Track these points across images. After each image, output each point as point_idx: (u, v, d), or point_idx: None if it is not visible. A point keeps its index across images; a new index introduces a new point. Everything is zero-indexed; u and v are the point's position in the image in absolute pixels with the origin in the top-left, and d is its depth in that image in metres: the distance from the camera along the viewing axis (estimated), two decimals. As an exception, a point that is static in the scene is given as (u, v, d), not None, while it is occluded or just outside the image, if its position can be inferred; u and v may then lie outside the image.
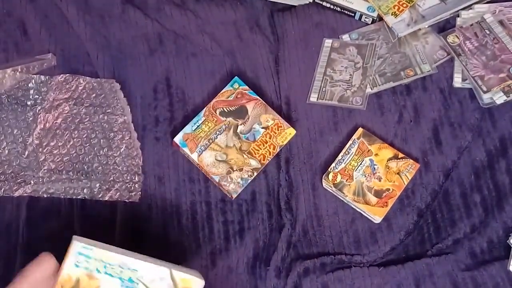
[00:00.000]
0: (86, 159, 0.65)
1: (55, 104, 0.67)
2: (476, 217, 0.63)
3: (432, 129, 0.67)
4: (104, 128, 0.67)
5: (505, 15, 0.71)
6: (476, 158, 0.66)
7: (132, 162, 0.65)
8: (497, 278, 0.60)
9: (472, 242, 0.62)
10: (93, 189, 0.64)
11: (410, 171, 0.64)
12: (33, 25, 0.73)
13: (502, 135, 0.66)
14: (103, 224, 0.63)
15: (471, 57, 0.69)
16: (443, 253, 0.61)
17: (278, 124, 0.66)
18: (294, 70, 0.71)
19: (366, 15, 0.72)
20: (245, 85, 0.68)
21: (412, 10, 0.72)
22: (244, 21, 0.74)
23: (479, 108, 0.68)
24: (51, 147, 0.65)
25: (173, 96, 0.70)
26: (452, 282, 0.60)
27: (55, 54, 0.71)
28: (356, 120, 0.68)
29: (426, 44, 0.71)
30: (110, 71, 0.70)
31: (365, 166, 0.64)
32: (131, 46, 0.72)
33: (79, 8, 0.73)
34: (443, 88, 0.69)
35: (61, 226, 0.63)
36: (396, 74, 0.70)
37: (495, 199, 0.64)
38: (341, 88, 0.69)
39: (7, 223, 0.63)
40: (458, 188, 0.64)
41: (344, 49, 0.72)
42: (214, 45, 0.72)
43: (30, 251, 0.61)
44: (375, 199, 0.62)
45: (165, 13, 0.74)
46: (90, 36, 0.72)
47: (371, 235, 0.62)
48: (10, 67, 0.68)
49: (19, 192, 0.63)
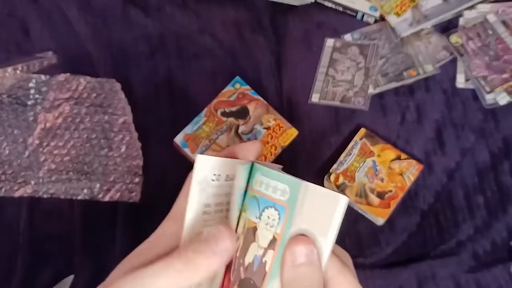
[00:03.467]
0: (86, 159, 0.65)
1: (55, 104, 0.67)
2: (479, 219, 0.63)
3: (435, 130, 0.67)
4: (104, 128, 0.67)
5: (508, 15, 0.70)
6: (480, 159, 0.65)
7: (133, 162, 0.65)
8: (501, 280, 0.60)
9: (475, 244, 0.62)
10: (93, 189, 0.63)
11: (413, 172, 0.63)
12: (34, 25, 0.73)
13: (506, 136, 0.66)
14: (103, 225, 0.63)
15: (474, 57, 0.68)
16: (446, 255, 0.61)
17: (279, 124, 0.66)
18: (295, 70, 0.71)
19: (368, 15, 0.72)
20: (246, 85, 0.68)
21: (414, 10, 0.72)
22: (246, 21, 0.74)
23: (482, 109, 0.67)
24: (51, 147, 0.65)
25: (174, 96, 0.69)
26: (455, 284, 0.60)
27: (56, 54, 0.71)
28: (358, 121, 0.68)
29: (428, 44, 0.71)
30: (111, 71, 0.70)
31: (367, 167, 0.63)
32: (132, 46, 0.72)
33: (80, 8, 0.73)
34: (446, 88, 0.69)
35: (61, 226, 0.62)
36: (398, 75, 0.69)
37: (498, 200, 0.63)
38: (343, 89, 0.69)
39: (8, 223, 0.62)
40: (461, 189, 0.64)
41: (346, 49, 0.71)
42: (216, 45, 0.72)
43: (30, 251, 0.61)
44: (377, 200, 0.62)
45: (166, 13, 0.74)
46: (91, 36, 0.72)
47: (374, 236, 0.62)
48: (10, 65, 0.68)
49: (19, 193, 0.63)
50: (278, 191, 0.31)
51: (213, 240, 0.28)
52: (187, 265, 0.28)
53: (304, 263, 0.29)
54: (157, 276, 0.28)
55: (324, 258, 0.30)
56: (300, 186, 0.30)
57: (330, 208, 0.29)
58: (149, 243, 0.33)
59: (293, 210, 0.30)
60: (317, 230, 0.30)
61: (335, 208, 0.29)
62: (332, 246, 0.30)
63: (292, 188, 0.30)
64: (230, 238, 0.28)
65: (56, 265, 0.61)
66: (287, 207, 0.30)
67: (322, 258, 0.30)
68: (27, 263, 0.60)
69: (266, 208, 0.31)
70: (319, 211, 0.29)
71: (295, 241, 0.29)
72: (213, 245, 0.28)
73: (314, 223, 0.30)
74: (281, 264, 0.30)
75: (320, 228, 0.29)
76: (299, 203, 0.30)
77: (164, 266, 0.28)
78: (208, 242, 0.28)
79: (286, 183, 0.30)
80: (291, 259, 0.29)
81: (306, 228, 0.30)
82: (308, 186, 0.30)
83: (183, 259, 0.28)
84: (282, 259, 0.30)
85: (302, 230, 0.30)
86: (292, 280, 0.29)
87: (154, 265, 0.28)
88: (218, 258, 0.28)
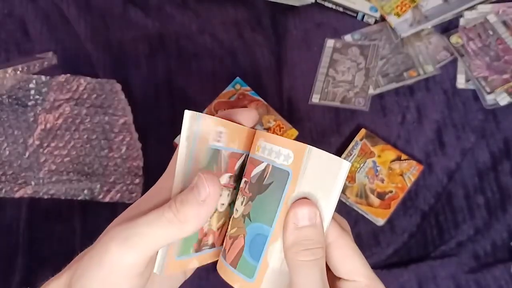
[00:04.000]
0: (86, 160, 0.65)
1: (55, 105, 0.67)
2: (479, 219, 0.63)
3: (436, 130, 0.67)
4: (105, 129, 0.66)
5: (508, 16, 0.70)
6: (480, 160, 0.65)
7: (133, 163, 0.65)
8: (501, 281, 0.60)
9: (476, 245, 0.62)
10: (94, 190, 0.63)
11: (413, 172, 0.63)
12: (34, 25, 0.73)
13: (506, 137, 0.66)
14: (103, 225, 0.63)
15: (474, 58, 0.68)
16: (446, 256, 0.61)
17: (280, 125, 0.66)
18: (296, 70, 0.71)
19: (368, 16, 0.72)
20: (246, 86, 0.68)
21: (415, 11, 0.72)
22: (246, 21, 0.74)
23: (483, 109, 0.67)
24: (51, 148, 0.65)
25: (174, 97, 0.69)
26: (455, 284, 0.60)
27: (56, 54, 0.71)
28: (358, 121, 0.68)
29: (429, 44, 0.71)
30: (111, 72, 0.70)
31: (367, 168, 0.63)
32: (132, 46, 0.72)
33: (79, 8, 0.73)
34: (447, 89, 0.69)
35: (61, 227, 0.62)
36: (399, 75, 0.69)
37: (499, 201, 0.63)
38: (344, 89, 0.69)
39: (8, 224, 0.62)
40: (461, 190, 0.64)
41: (347, 49, 0.71)
42: (216, 46, 0.72)
43: (30, 252, 0.61)
44: (378, 201, 0.62)
45: (166, 13, 0.74)
46: (91, 36, 0.72)
47: (374, 237, 0.62)
48: (10, 66, 0.68)
49: (20, 193, 0.63)
50: (282, 156, 0.31)
51: (196, 189, 0.28)
52: (177, 215, 0.28)
53: (307, 225, 0.29)
54: (150, 226, 0.28)
55: (325, 222, 0.30)
56: (304, 150, 0.30)
57: (333, 172, 0.29)
58: (146, 197, 0.33)
59: (296, 174, 0.30)
60: (320, 194, 0.30)
61: (338, 172, 0.29)
62: (333, 209, 0.30)
63: (296, 152, 0.30)
64: (212, 184, 0.28)
65: (56, 266, 0.60)
66: (291, 172, 0.30)
67: (324, 222, 0.30)
68: (26, 264, 0.60)
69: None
70: (322, 175, 0.30)
71: (299, 203, 0.30)
72: (196, 193, 0.28)
73: (316, 187, 0.30)
74: (284, 226, 0.30)
75: (322, 192, 0.30)
76: (303, 167, 0.30)
77: (156, 216, 0.29)
78: (192, 191, 0.29)
79: (290, 148, 0.30)
80: (294, 221, 0.30)
81: (308, 191, 0.30)
82: (311, 149, 0.30)
83: (173, 209, 0.28)
84: (285, 221, 0.30)
85: (305, 193, 0.30)
86: (295, 241, 0.30)
87: (148, 215, 0.29)
88: (204, 205, 0.28)
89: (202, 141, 0.31)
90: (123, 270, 0.28)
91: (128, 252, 0.28)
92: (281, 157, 0.31)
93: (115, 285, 0.28)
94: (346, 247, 0.31)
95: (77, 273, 0.29)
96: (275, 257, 0.31)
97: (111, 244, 0.28)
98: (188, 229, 0.29)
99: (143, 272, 0.29)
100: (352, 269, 0.31)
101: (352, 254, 0.31)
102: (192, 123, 0.30)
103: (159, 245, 0.29)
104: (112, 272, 0.28)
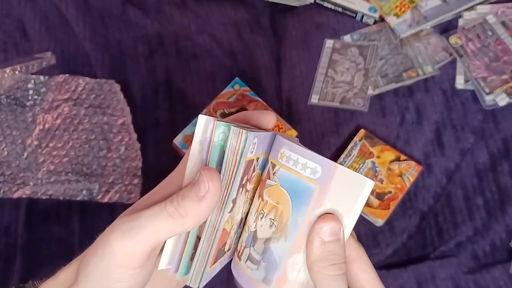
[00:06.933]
0: (85, 161, 0.65)
1: (54, 105, 0.67)
2: (478, 220, 0.63)
3: (435, 131, 0.67)
4: (103, 129, 0.66)
5: (507, 16, 0.70)
6: (479, 161, 0.65)
7: (132, 163, 0.65)
8: (500, 281, 0.59)
9: (475, 245, 0.62)
10: (92, 190, 0.63)
11: (412, 173, 0.63)
12: (32, 25, 0.72)
13: (505, 137, 0.66)
14: (102, 226, 0.63)
15: (473, 58, 0.68)
16: (445, 256, 0.61)
17: (279, 125, 0.66)
18: (295, 71, 0.70)
19: (367, 16, 0.72)
20: (246, 86, 0.68)
21: (414, 11, 0.72)
22: (245, 22, 0.74)
23: (482, 110, 0.67)
24: (50, 148, 0.65)
25: (173, 97, 0.69)
26: (454, 285, 0.60)
27: (55, 54, 0.70)
28: (357, 122, 0.67)
29: (428, 45, 0.71)
30: (109, 72, 0.70)
31: (367, 168, 0.63)
32: (131, 46, 0.72)
33: (78, 9, 0.73)
34: (446, 89, 0.69)
35: (60, 228, 0.62)
36: (398, 76, 0.69)
37: (498, 201, 0.63)
38: (343, 90, 0.69)
39: (6, 224, 0.62)
40: (460, 190, 0.64)
41: (346, 50, 0.71)
42: (215, 46, 0.72)
43: (29, 252, 0.61)
44: (377, 201, 0.62)
45: (165, 14, 0.74)
46: (90, 36, 0.71)
47: (373, 238, 0.62)
48: (9, 66, 0.68)
49: (18, 194, 0.63)
50: (308, 169, 0.31)
51: (197, 185, 0.29)
52: (178, 209, 0.29)
53: (333, 240, 0.30)
54: (151, 218, 0.29)
55: (346, 237, 0.31)
56: (331, 167, 0.30)
57: (357, 190, 0.30)
58: (156, 190, 0.34)
59: (322, 189, 0.31)
60: (342, 210, 0.31)
61: (362, 190, 0.30)
62: (353, 226, 0.31)
63: (324, 167, 0.31)
64: (212, 181, 0.29)
65: (54, 267, 0.60)
66: (317, 186, 0.31)
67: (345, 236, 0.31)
68: (24, 264, 0.60)
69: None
70: (346, 192, 0.30)
71: (325, 219, 0.30)
72: (196, 189, 0.29)
73: (340, 203, 0.31)
74: (309, 240, 0.31)
75: (345, 208, 0.30)
76: (329, 183, 0.30)
77: (158, 209, 0.29)
78: (193, 187, 0.29)
79: (318, 163, 0.31)
80: (321, 235, 0.30)
81: (331, 207, 0.31)
82: (337, 167, 0.30)
83: (174, 203, 0.29)
84: (310, 235, 0.31)
85: (329, 209, 0.31)
86: (322, 256, 0.30)
87: (150, 208, 0.30)
88: (203, 201, 0.29)
89: (215, 146, 0.31)
90: (124, 260, 0.29)
91: (128, 243, 0.28)
92: (308, 170, 0.31)
93: (116, 274, 0.29)
94: (361, 260, 0.32)
95: (83, 262, 0.30)
96: (296, 269, 0.31)
97: (113, 235, 0.29)
98: (189, 223, 0.29)
99: (145, 265, 0.29)
100: (367, 284, 0.32)
101: (367, 269, 0.32)
102: (206, 128, 0.31)
103: (159, 238, 0.29)
104: (113, 261, 0.29)
